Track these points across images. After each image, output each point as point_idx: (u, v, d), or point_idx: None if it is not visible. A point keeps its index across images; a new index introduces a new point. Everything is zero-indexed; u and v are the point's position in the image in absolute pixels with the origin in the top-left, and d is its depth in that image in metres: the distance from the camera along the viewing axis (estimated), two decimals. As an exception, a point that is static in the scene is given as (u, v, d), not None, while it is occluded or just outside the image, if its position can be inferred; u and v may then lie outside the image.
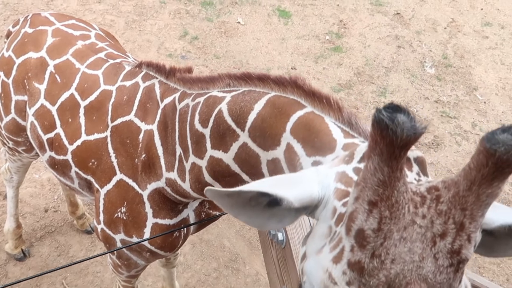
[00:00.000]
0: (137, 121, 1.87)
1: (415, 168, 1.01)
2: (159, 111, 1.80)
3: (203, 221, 2.03)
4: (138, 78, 1.95)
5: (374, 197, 0.80)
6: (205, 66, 5.23)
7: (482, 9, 6.63)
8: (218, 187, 1.64)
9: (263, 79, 1.44)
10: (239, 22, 5.93)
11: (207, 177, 1.63)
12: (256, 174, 1.46)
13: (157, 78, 1.89)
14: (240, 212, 1.01)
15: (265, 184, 0.97)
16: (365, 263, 0.83)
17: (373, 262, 0.82)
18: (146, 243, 1.94)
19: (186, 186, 1.73)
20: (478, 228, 0.83)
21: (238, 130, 1.44)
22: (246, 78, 1.49)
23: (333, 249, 0.89)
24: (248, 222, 1.03)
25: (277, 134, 1.32)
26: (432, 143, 4.70)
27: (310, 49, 5.67)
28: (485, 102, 5.21)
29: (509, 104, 5.23)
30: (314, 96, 1.30)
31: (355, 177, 1.01)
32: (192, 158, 1.65)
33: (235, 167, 1.51)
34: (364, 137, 1.19)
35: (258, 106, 1.39)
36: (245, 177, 1.52)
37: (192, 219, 2.00)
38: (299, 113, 1.29)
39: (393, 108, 0.77)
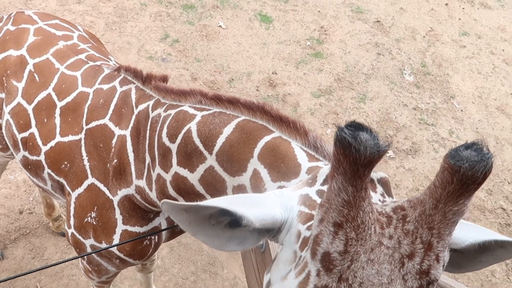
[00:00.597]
0: (111, 125, 1.84)
1: (379, 189, 1.01)
2: (133, 117, 1.79)
3: (173, 227, 2.01)
4: (116, 82, 1.93)
5: (339, 218, 0.79)
6: (186, 69, 5.21)
7: (460, 19, 6.75)
8: (181, 199, 1.63)
9: (233, 102, 1.43)
10: (220, 26, 5.92)
11: (171, 191, 1.61)
12: None
13: (134, 83, 1.88)
14: (199, 231, 0.97)
15: (226, 201, 0.94)
16: None
17: (341, 287, 0.80)
18: (115, 250, 1.90)
19: (153, 195, 1.72)
20: (446, 247, 0.82)
21: (205, 153, 1.44)
22: (217, 99, 1.48)
23: (299, 274, 0.87)
24: (207, 242, 0.99)
25: (244, 160, 1.31)
26: (410, 150, 4.75)
27: (291, 54, 5.70)
28: (462, 110, 5.30)
29: (485, 113, 5.32)
30: (281, 121, 1.30)
31: (318, 200, 1.00)
32: (158, 169, 1.64)
33: (200, 188, 1.50)
34: (328, 159, 1.19)
35: (227, 130, 1.38)
36: (209, 198, 1.50)
37: (164, 228, 1.97)
38: (267, 138, 1.29)
39: (355, 126, 0.76)
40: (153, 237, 1.96)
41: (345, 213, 0.78)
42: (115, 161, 1.81)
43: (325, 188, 1.02)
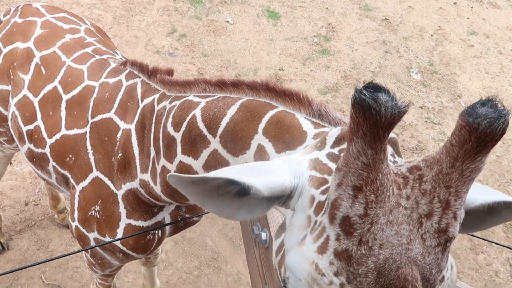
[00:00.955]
0: (116, 119, 1.84)
1: (389, 149, 1.00)
2: (139, 111, 1.79)
3: (176, 222, 2.01)
4: (122, 76, 1.93)
5: (359, 181, 0.78)
6: (193, 64, 5.21)
7: (468, 18, 6.71)
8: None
9: (237, 85, 1.43)
10: (228, 21, 5.92)
11: None
12: None
13: (140, 77, 1.88)
14: (207, 201, 0.96)
15: (232, 171, 0.93)
16: (352, 251, 0.81)
17: (361, 249, 0.80)
18: (118, 244, 1.91)
19: (157, 189, 1.72)
20: (463, 204, 0.82)
21: (209, 137, 1.43)
22: (221, 84, 1.48)
23: (317, 239, 0.87)
24: (216, 212, 0.99)
25: (248, 137, 1.30)
26: (416, 148, 4.74)
27: (298, 51, 5.69)
28: (468, 110, 5.27)
29: (492, 113, 5.30)
30: (285, 95, 1.29)
31: (329, 163, 0.99)
32: (163, 161, 1.63)
33: None
34: (334, 125, 1.18)
35: (232, 111, 1.38)
36: None
37: (167, 222, 1.98)
38: (271, 113, 1.28)
39: (373, 87, 0.74)
40: (156, 232, 1.96)
41: (365, 176, 0.77)
42: (120, 155, 1.81)
43: (335, 150, 1.01)
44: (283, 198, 0.99)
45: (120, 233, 1.87)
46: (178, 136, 1.54)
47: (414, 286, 0.80)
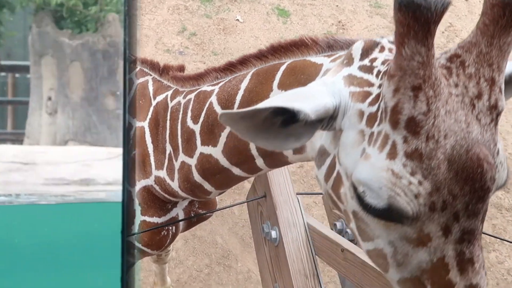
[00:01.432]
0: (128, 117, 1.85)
1: None
2: (151, 109, 1.79)
3: (190, 218, 2.02)
4: (132, 75, 1.94)
5: (417, 81, 0.81)
6: (203, 63, 5.22)
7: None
8: (206, 185, 1.63)
9: (244, 61, 1.44)
10: (237, 20, 5.93)
11: (196, 176, 1.61)
12: (246, 162, 1.44)
13: (150, 75, 1.88)
14: (256, 135, 0.98)
15: (279, 100, 0.95)
16: (422, 149, 0.84)
17: (429, 145, 0.83)
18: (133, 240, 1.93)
19: (174, 185, 1.72)
20: (503, 76, 0.86)
21: None
22: (230, 67, 1.49)
23: (382, 147, 0.89)
24: (267, 145, 1.01)
25: (264, 98, 1.29)
26: (427, 146, 4.72)
27: (308, 48, 5.67)
28: (480, 107, 5.24)
29: (504, 110, 5.26)
30: (291, 47, 1.30)
31: (365, 75, 1.00)
32: (182, 157, 1.64)
33: (223, 161, 1.49)
34: (347, 48, 1.18)
35: (244, 84, 1.38)
36: (235, 170, 1.50)
37: (181, 218, 1.99)
38: (282, 68, 1.29)
39: None
40: (170, 228, 1.98)
41: (421, 74, 0.80)
42: (134, 152, 1.83)
43: (366, 62, 1.02)
44: (326, 121, 1.00)
45: (134, 230, 1.89)
46: (197, 128, 1.55)
47: (489, 162, 0.84)
